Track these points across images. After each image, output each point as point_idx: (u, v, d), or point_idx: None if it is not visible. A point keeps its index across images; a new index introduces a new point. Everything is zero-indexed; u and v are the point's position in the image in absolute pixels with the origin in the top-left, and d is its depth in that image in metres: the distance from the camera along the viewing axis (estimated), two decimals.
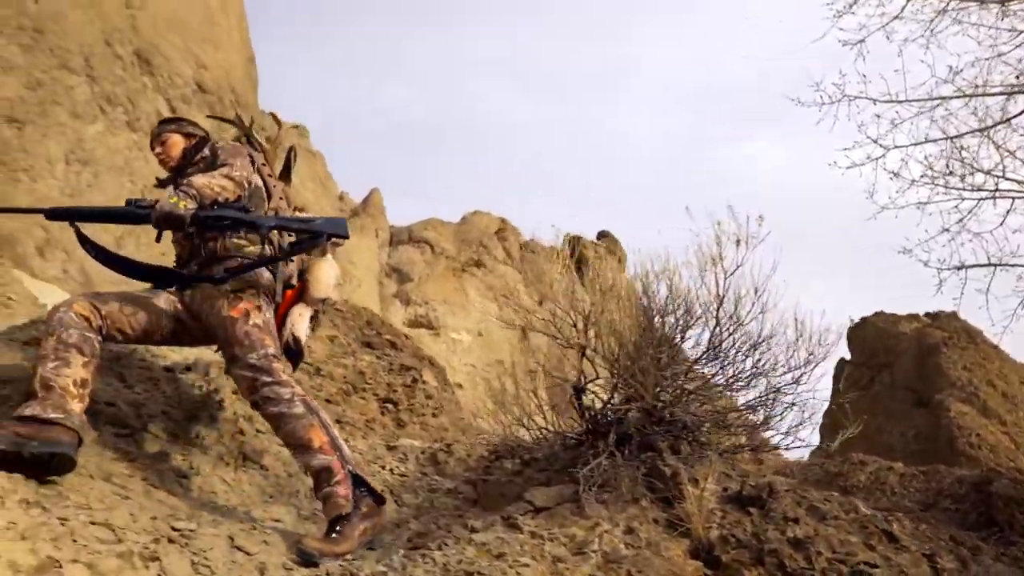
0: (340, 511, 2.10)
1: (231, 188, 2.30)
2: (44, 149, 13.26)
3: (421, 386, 3.69)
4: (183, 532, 1.93)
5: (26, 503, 1.67)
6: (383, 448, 3.18)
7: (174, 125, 2.74)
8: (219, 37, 16.86)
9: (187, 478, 2.41)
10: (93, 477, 2.07)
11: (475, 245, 16.28)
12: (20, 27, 12.31)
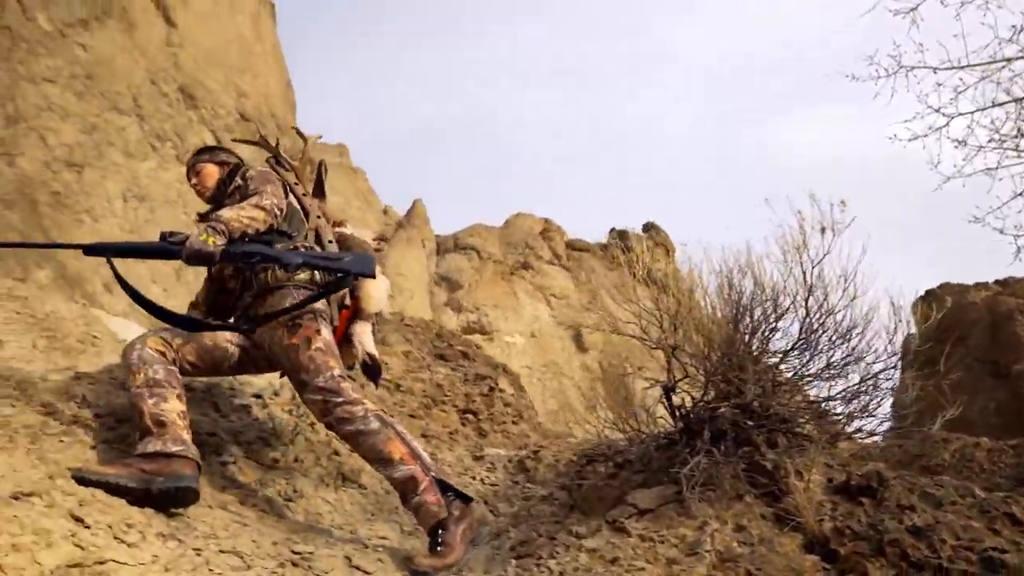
0: (436, 518, 2.14)
1: (261, 218, 2.30)
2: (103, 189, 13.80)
3: (499, 394, 3.72)
4: (303, 555, 1.99)
5: (163, 536, 1.75)
6: (470, 459, 3.22)
7: (207, 155, 2.80)
8: (256, 65, 17.29)
9: (293, 501, 2.48)
10: (211, 507, 2.15)
11: (521, 247, 16.32)
12: (73, 75, 12.84)
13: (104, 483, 1.84)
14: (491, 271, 15.60)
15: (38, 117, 12.08)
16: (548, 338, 14.90)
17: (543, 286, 15.58)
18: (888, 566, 1.82)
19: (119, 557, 1.54)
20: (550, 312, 15.41)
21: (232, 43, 16.08)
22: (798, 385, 2.54)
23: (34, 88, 12.07)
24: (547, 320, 15.18)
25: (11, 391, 2.87)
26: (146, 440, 2.01)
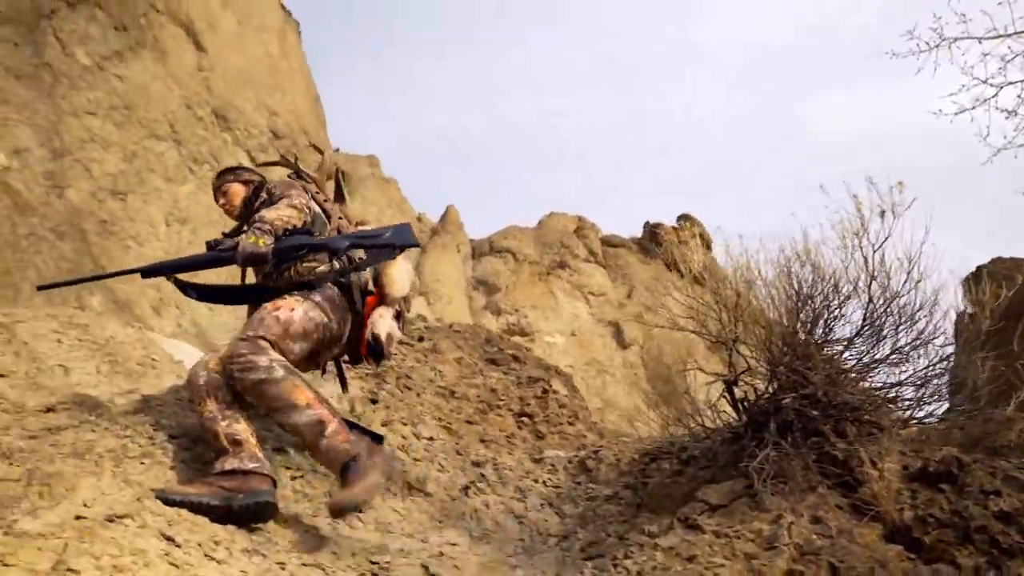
0: (348, 455, 2.05)
1: (296, 216, 2.39)
2: (146, 215, 14.18)
3: (553, 396, 3.72)
4: (381, 564, 2.02)
5: (247, 552, 1.79)
6: (530, 462, 3.22)
7: (232, 175, 2.89)
8: (285, 83, 17.61)
9: (362, 512, 2.51)
10: (287, 521, 2.20)
11: (556, 247, 16.29)
12: (112, 106, 13.22)
13: (188, 503, 1.89)
14: (527, 272, 15.60)
15: (82, 149, 12.47)
16: (588, 336, 14.83)
17: (580, 284, 15.52)
18: (977, 553, 1.77)
19: (211, 574, 1.59)
20: (589, 310, 15.35)
21: (260, 63, 16.39)
22: (864, 372, 2.49)
23: (77, 121, 12.46)
24: (586, 318, 15.12)
25: (87, 416, 2.98)
26: (223, 459, 2.06)
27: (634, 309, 15.26)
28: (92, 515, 1.63)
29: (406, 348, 3.91)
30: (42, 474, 1.76)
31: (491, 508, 2.74)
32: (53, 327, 4.53)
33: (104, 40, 13.63)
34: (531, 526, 2.66)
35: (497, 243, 16.09)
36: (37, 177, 10.50)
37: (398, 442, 3.01)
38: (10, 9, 10.94)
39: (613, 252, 16.53)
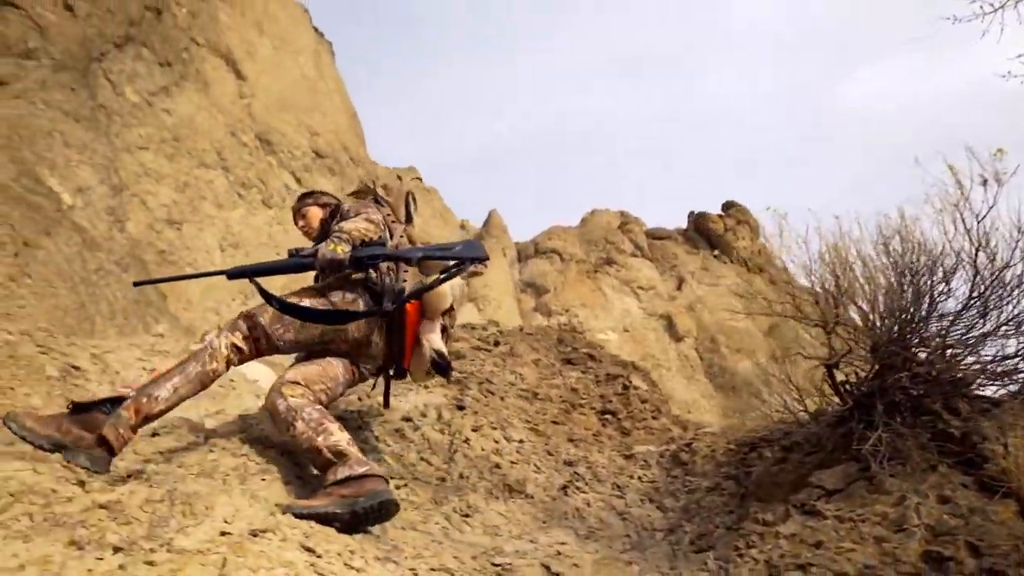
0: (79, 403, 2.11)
1: (373, 229, 2.48)
2: (201, 242, 14.59)
3: (634, 392, 3.71)
4: (503, 567, 2.04)
5: (380, 559, 1.83)
6: (620, 458, 3.22)
7: (311, 199, 3.01)
8: (323, 103, 17.92)
9: (470, 516, 2.54)
10: (404, 528, 2.24)
11: (601, 244, 16.25)
12: (162, 140, 13.65)
13: (315, 515, 1.94)
14: (575, 271, 15.59)
15: (137, 183, 12.93)
16: (641, 331, 14.74)
17: (629, 279, 15.44)
18: None
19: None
20: (639, 305, 15.25)
21: (298, 85, 16.75)
22: (973, 346, 2.41)
23: (131, 157, 12.93)
24: (637, 313, 15.03)
25: (193, 437, 3.08)
26: (333, 469, 2.11)
27: (685, 301, 15.12)
28: (236, 531, 1.69)
29: (483, 354, 3.95)
30: (181, 494, 1.83)
31: (592, 506, 2.74)
32: (138, 355, 4.70)
33: (150, 77, 14.11)
34: (635, 522, 2.66)
35: (542, 244, 16.12)
36: (100, 213, 10.92)
37: (491, 446, 3.04)
38: (65, 56, 11.41)
39: (659, 245, 16.40)
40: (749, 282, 15.39)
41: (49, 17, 11.61)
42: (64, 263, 8.59)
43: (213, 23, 15.48)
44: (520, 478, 2.77)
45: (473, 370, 3.70)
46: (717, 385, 13.39)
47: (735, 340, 13.99)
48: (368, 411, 3.33)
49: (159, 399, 2.14)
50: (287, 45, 16.60)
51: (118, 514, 1.68)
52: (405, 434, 3.11)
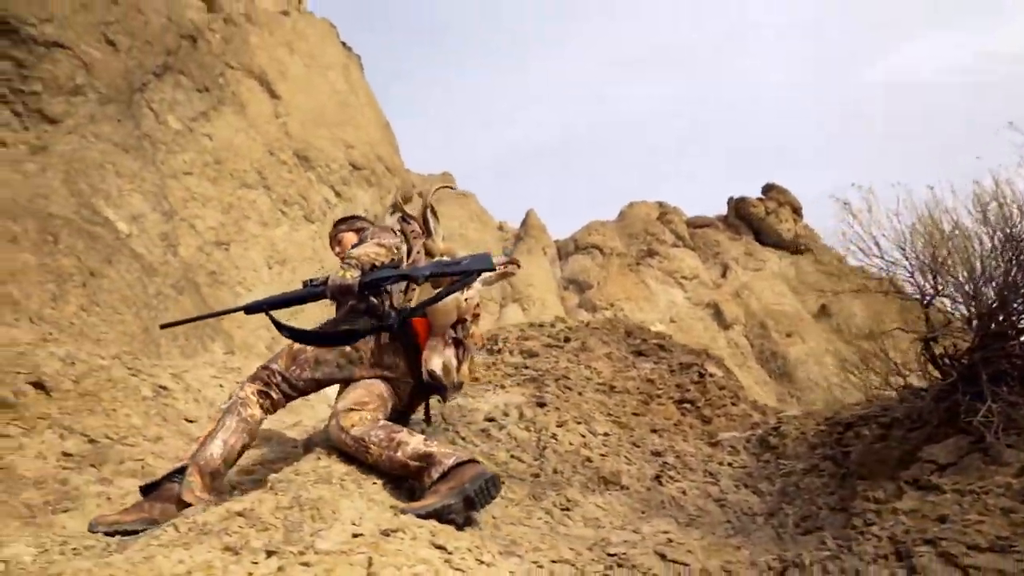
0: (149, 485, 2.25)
1: (383, 253, 2.54)
2: (248, 261, 14.91)
3: (710, 379, 3.69)
4: (618, 556, 2.06)
5: (504, 554, 1.87)
6: (707, 446, 3.21)
7: (344, 225, 3.12)
8: (356, 116, 18.17)
9: (570, 510, 2.56)
10: (514, 523, 2.28)
11: (641, 236, 16.15)
12: (205, 164, 14.00)
13: (432, 512, 1.98)
14: (616, 265, 15.53)
15: (185, 207, 13.30)
16: (688, 321, 14.60)
17: (672, 270, 15.31)
18: None
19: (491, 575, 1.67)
20: (684, 295, 15.12)
21: (330, 100, 17.03)
22: None
23: (177, 182, 13.30)
24: (683, 303, 14.90)
25: (290, 448, 3.17)
26: (428, 472, 2.14)
27: (730, 288, 14.95)
28: (367, 532, 1.74)
29: (556, 350, 3.97)
30: (306, 500, 1.89)
31: (688, 494, 2.74)
32: (212, 373, 4.84)
33: (189, 103, 14.49)
34: (733, 507, 2.65)
35: (582, 240, 16.08)
36: (154, 239, 11.24)
37: (578, 441, 3.06)
38: (110, 89, 11.79)
39: (700, 233, 16.22)
40: (795, 264, 15.17)
41: (94, 54, 12.01)
42: (127, 289, 8.88)
43: (245, 46, 15.83)
44: (614, 470, 2.79)
45: (548, 367, 3.73)
46: (770, 371, 13.20)
47: (784, 324, 13.76)
48: (449, 414, 3.39)
49: (214, 455, 2.28)
50: (317, 62, 16.88)
51: (255, 521, 1.75)
52: (491, 434, 3.15)
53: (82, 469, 2.69)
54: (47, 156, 9.94)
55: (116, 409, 3.18)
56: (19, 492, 2.41)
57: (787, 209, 16.19)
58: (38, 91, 11.07)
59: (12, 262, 7.05)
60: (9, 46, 10.83)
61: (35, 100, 10.96)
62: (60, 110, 10.97)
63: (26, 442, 2.63)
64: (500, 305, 15.21)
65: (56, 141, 10.47)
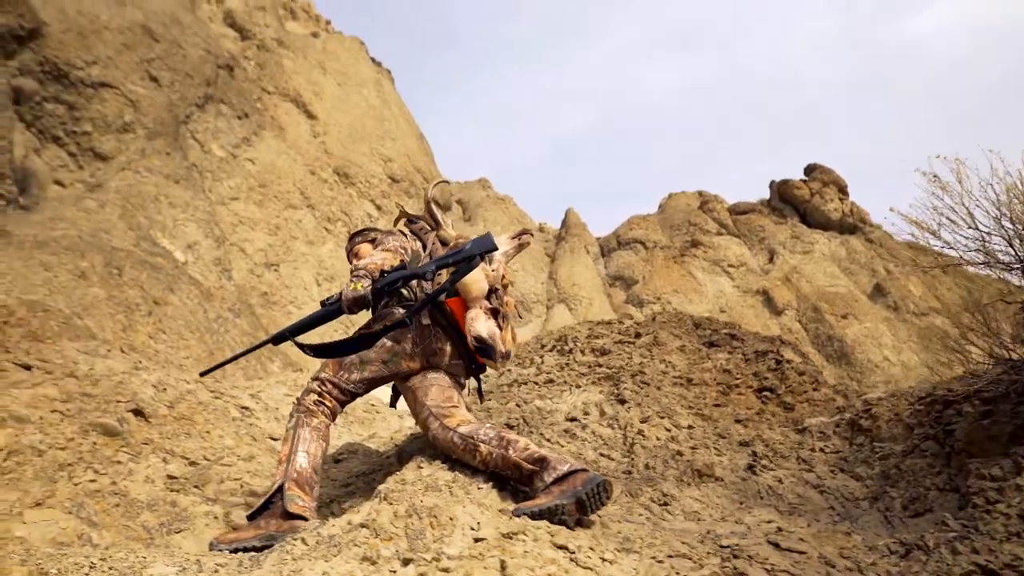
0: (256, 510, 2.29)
1: (390, 258, 2.60)
2: (298, 280, 15.18)
3: (788, 365, 3.64)
4: (732, 548, 2.05)
5: (621, 551, 1.88)
6: (794, 433, 3.17)
7: (359, 237, 3.16)
8: (391, 130, 18.41)
9: (669, 504, 2.56)
10: (618, 521, 2.28)
11: (683, 227, 15.98)
12: (250, 188, 14.31)
13: (544, 511, 2.00)
14: (661, 258, 15.40)
15: (234, 232, 13.64)
16: (738, 309, 14.39)
17: (718, 259, 15.11)
18: None
19: (615, 573, 1.68)
20: (732, 283, 14.91)
21: (365, 115, 17.30)
22: None
23: (225, 209, 13.66)
24: (732, 292, 14.69)
25: (384, 460, 3.23)
26: (540, 476, 2.15)
27: (779, 273, 14.69)
28: (489, 536, 1.77)
29: (628, 346, 3.97)
30: (422, 508, 1.92)
31: (784, 483, 2.71)
32: (284, 392, 4.95)
33: (231, 131, 14.86)
34: (833, 493, 2.61)
35: (624, 236, 15.99)
36: (209, 265, 11.55)
37: (665, 435, 3.05)
38: (156, 124, 12.17)
39: (744, 219, 15.98)
40: (845, 244, 14.81)
41: (139, 91, 12.41)
42: (190, 315, 9.14)
43: (279, 70, 16.18)
44: (707, 462, 2.77)
45: (622, 364, 3.73)
46: (827, 355, 12.91)
47: (839, 306, 13.45)
48: (531, 417, 3.41)
49: (303, 467, 2.37)
50: (349, 79, 17.16)
51: (378, 531, 1.79)
52: (575, 434, 3.16)
53: (187, 491, 2.79)
54: (104, 192, 10.31)
55: (209, 431, 3.29)
56: (136, 515, 2.51)
57: (832, 188, 15.82)
58: (89, 131, 11.50)
59: (84, 296, 7.33)
60: (61, 91, 11.27)
61: (87, 140, 11.39)
62: (111, 147, 11.37)
63: (135, 467, 2.74)
64: (547, 306, 15.22)
65: (110, 177, 10.86)
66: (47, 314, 4.56)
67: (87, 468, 2.57)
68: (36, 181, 9.46)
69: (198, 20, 15.30)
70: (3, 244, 7.36)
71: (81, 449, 2.62)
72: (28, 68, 10.47)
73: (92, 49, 11.44)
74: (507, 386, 3.88)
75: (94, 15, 11.89)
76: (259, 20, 16.45)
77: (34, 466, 2.43)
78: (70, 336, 4.13)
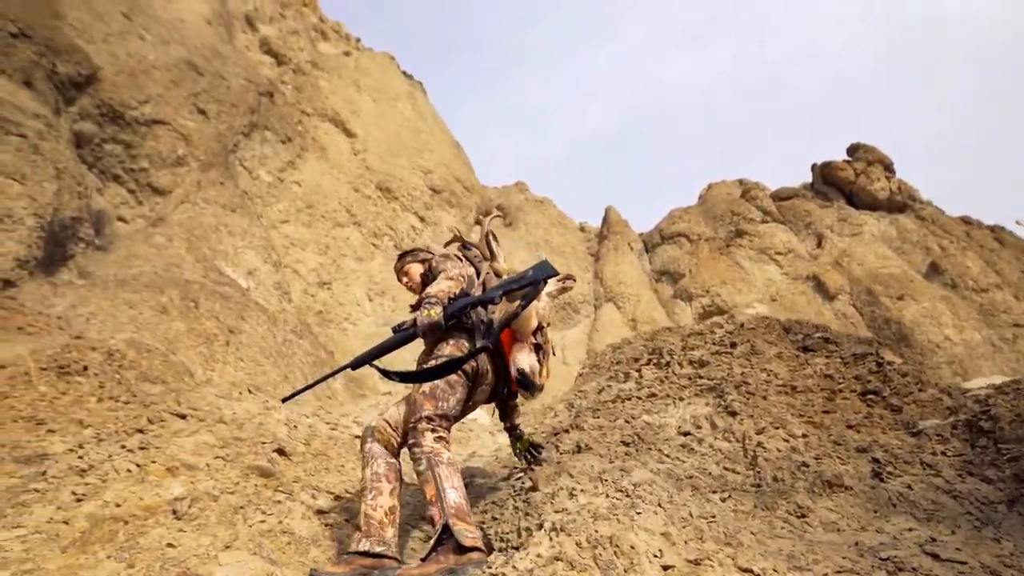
0: (428, 550, 2.37)
1: (454, 285, 2.81)
2: (351, 296, 15.48)
3: (889, 367, 3.70)
4: (891, 560, 2.15)
5: (793, 569, 1.99)
6: (909, 436, 3.24)
7: (410, 256, 3.34)
8: (428, 141, 18.65)
9: (806, 516, 2.66)
10: (771, 537, 2.39)
11: (726, 217, 15.92)
12: (298, 210, 14.62)
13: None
14: (706, 251, 15.36)
15: (287, 254, 13.99)
16: (789, 297, 14.30)
17: (764, 247, 15.03)
18: None
19: None
20: (781, 271, 14.81)
21: (402, 129, 17.55)
22: None
23: (277, 232, 14.01)
24: (781, 280, 14.60)
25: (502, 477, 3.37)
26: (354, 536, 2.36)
27: (829, 257, 14.56)
28: (677, 563, 1.90)
29: (725, 357, 4.06)
30: (599, 538, 2.06)
31: (914, 489, 2.79)
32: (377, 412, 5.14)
33: (276, 156, 15.22)
34: (967, 498, 2.69)
35: (666, 230, 15.99)
36: (270, 290, 11.87)
37: (785, 446, 3.15)
38: (208, 155, 12.55)
39: (788, 205, 15.86)
40: (895, 223, 14.58)
41: (189, 125, 12.82)
42: (261, 341, 9.44)
43: (316, 92, 16.51)
44: (835, 472, 2.86)
45: (723, 375, 3.82)
46: (884, 338, 12.76)
47: (894, 287, 13.28)
48: (642, 432, 3.52)
49: (457, 502, 2.47)
50: (384, 95, 17.43)
51: (573, 563, 1.93)
52: (693, 448, 3.27)
53: (340, 524, 2.97)
54: (168, 227, 10.68)
55: (343, 464, 3.47)
56: (306, 552, 2.69)
57: (878, 167, 15.59)
58: (146, 167, 11.91)
59: (168, 331, 7.64)
60: (117, 131, 11.70)
61: (144, 176, 11.81)
62: (167, 181, 11.77)
63: (292, 505, 2.92)
64: (594, 306, 15.29)
65: (171, 211, 11.26)
66: (151, 354, 4.82)
67: (256, 509, 2.76)
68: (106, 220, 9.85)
69: (236, 50, 15.70)
70: (89, 285, 7.71)
71: (247, 492, 2.82)
72: (87, 112, 10.89)
73: (143, 88, 11.83)
74: (610, 402, 4.00)
75: (142, 55, 12.30)
76: (293, 44, 16.80)
77: (214, 511, 2.63)
78: (173, 374, 4.38)
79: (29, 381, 3.78)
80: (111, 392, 3.70)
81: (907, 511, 2.65)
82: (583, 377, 5.49)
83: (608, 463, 3.09)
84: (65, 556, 2.22)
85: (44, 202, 7.47)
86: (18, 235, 6.88)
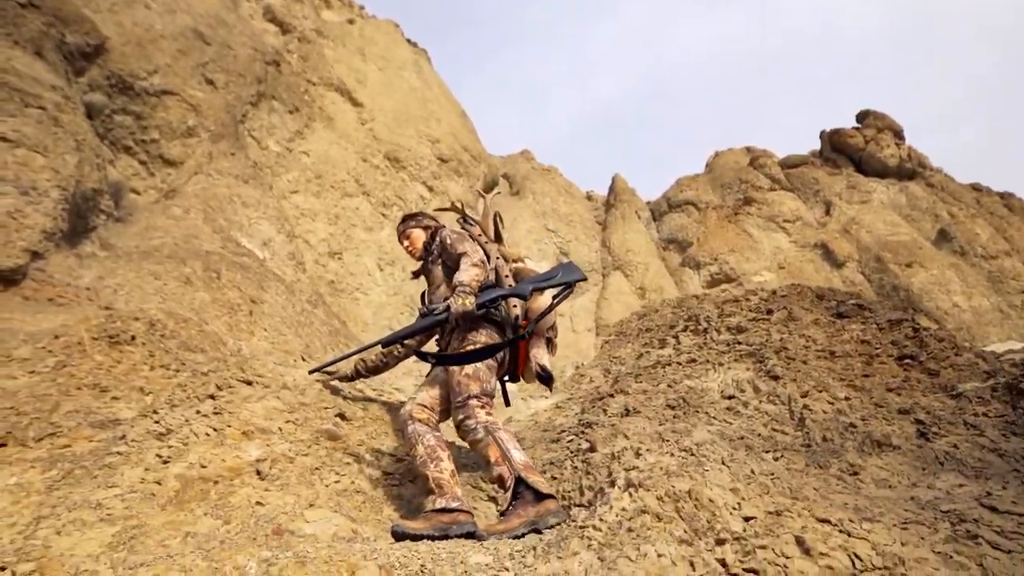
0: (506, 505, 2.53)
1: (481, 273, 2.92)
2: (361, 266, 15.54)
3: (925, 332, 3.81)
4: (952, 513, 2.27)
5: (866, 520, 2.12)
6: (949, 399, 3.35)
7: (413, 221, 3.43)
8: (435, 110, 18.53)
9: (858, 474, 2.78)
10: (833, 492, 2.52)
11: (734, 185, 15.95)
12: (307, 180, 14.61)
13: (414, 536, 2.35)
14: (714, 218, 15.42)
15: (298, 224, 14.01)
16: (797, 264, 14.41)
17: (772, 215, 15.09)
18: None
19: (880, 538, 1.91)
20: (789, 239, 14.90)
21: (408, 98, 17.43)
22: None
23: (287, 203, 14.01)
24: (789, 248, 14.69)
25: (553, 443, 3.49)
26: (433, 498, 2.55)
27: (837, 225, 14.63)
28: (757, 515, 2.02)
29: (763, 323, 4.16)
30: (678, 492, 2.18)
31: (960, 448, 2.91)
32: (412, 382, 5.26)
33: (284, 126, 15.16)
34: (1013, 456, 2.81)
35: (674, 198, 16.02)
36: (285, 260, 11.95)
37: (830, 408, 3.26)
38: (218, 125, 12.50)
39: (796, 173, 15.88)
40: (904, 191, 14.64)
41: (198, 95, 12.74)
42: (282, 311, 9.54)
43: (322, 61, 16.35)
44: (883, 432, 2.99)
45: (762, 340, 3.93)
46: (893, 305, 12.85)
47: (903, 254, 13.39)
48: (687, 395, 3.64)
49: (523, 459, 2.63)
50: (390, 63, 17.27)
51: (658, 515, 2.05)
52: (739, 411, 3.38)
53: (407, 486, 3.09)
54: (184, 198, 10.69)
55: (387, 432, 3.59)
56: (380, 510, 2.81)
57: (888, 134, 15.59)
58: (156, 138, 11.87)
59: (193, 301, 7.72)
60: (127, 102, 11.63)
61: (155, 147, 11.77)
62: (178, 152, 11.74)
63: (360, 467, 3.04)
64: (602, 275, 15.38)
65: (184, 182, 11.25)
66: (187, 324, 4.92)
67: (330, 471, 2.87)
68: (123, 192, 9.85)
69: (241, 19, 15.48)
70: (113, 257, 7.76)
71: (320, 454, 2.93)
72: (97, 83, 10.81)
73: (151, 58, 11.71)
74: (651, 367, 4.11)
75: (149, 24, 12.16)
76: (297, 12, 16.59)
77: (293, 472, 2.74)
78: (210, 344, 4.47)
79: (84, 351, 3.87)
80: (161, 360, 3.80)
81: (955, 468, 2.77)
82: (610, 344, 5.60)
83: (659, 425, 3.21)
84: (165, 513, 2.34)
85: (67, 174, 7.47)
86: (44, 207, 6.91)
